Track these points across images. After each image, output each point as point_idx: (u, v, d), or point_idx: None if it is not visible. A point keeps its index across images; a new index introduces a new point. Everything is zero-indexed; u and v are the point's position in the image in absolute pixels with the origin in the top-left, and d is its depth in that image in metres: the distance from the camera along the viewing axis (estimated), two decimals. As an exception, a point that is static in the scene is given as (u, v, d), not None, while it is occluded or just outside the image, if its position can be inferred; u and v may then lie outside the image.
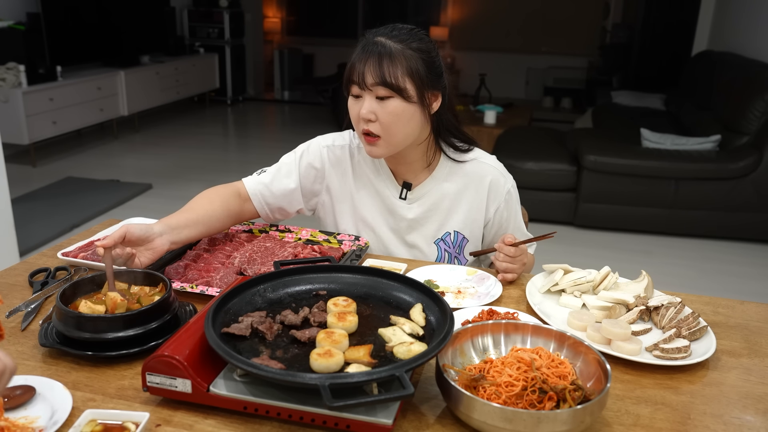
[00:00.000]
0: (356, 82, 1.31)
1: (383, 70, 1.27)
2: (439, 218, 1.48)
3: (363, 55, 1.30)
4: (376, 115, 1.31)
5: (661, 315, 1.16)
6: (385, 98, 1.30)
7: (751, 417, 0.94)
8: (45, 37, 5.32)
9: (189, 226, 1.33)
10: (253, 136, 6.96)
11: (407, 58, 1.29)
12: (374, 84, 1.28)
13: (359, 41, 1.36)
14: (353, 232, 1.52)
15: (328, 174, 1.51)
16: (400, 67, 1.28)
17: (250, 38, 8.52)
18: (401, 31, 1.33)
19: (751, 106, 4.01)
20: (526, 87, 8.99)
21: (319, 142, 1.51)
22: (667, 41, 6.91)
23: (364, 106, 1.31)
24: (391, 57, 1.28)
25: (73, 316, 0.99)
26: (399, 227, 1.49)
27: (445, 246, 1.50)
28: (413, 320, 1.00)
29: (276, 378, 0.81)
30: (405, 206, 1.48)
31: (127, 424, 0.84)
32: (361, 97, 1.32)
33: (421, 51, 1.31)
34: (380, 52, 1.28)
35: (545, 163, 4.13)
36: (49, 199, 4.38)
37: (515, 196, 1.51)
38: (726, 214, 3.96)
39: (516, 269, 1.34)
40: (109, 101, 5.96)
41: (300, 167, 1.49)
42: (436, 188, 1.47)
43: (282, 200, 1.50)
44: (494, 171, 1.48)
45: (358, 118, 1.34)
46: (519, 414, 0.80)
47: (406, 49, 1.29)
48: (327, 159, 1.50)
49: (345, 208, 1.52)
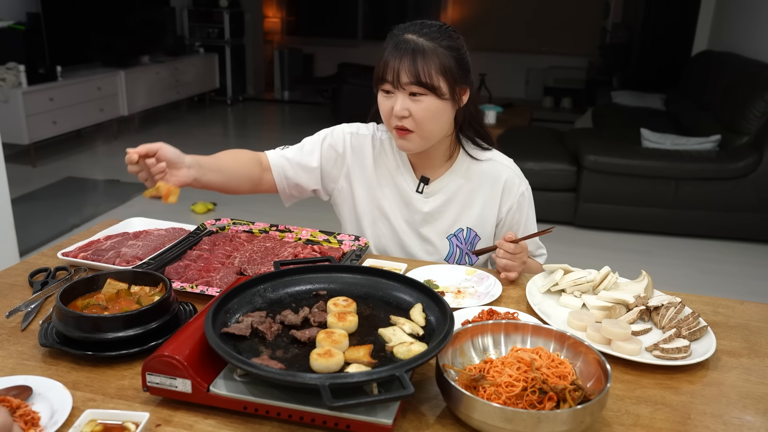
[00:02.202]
0: (390, 80, 1.32)
1: (417, 68, 1.29)
2: (453, 213, 1.51)
3: (396, 53, 1.31)
4: (410, 111, 1.33)
5: (661, 315, 1.16)
6: (418, 95, 1.32)
7: (751, 417, 0.94)
8: (45, 37, 5.32)
9: (214, 171, 1.35)
10: (253, 136, 6.96)
11: (439, 56, 1.31)
12: (408, 83, 1.30)
13: (389, 38, 1.37)
14: (369, 219, 1.54)
15: (349, 159, 1.53)
16: (434, 66, 1.30)
17: (250, 38, 8.51)
18: (431, 28, 1.35)
19: (751, 106, 4.01)
20: (526, 87, 8.98)
21: (343, 128, 1.54)
22: (667, 41, 6.90)
23: (398, 103, 1.33)
24: (425, 55, 1.30)
25: (73, 316, 0.99)
26: (414, 219, 1.52)
27: (457, 242, 1.52)
28: (413, 320, 1.01)
29: (276, 378, 0.81)
30: (421, 200, 1.50)
31: (127, 424, 0.84)
32: (393, 93, 1.34)
33: (451, 48, 1.33)
34: (414, 50, 1.30)
35: (545, 163, 4.13)
36: (49, 199, 4.38)
37: (529, 200, 1.53)
38: (726, 214, 3.96)
39: (516, 267, 1.34)
40: (109, 101, 5.96)
41: (322, 148, 1.52)
42: (453, 183, 1.50)
43: (301, 176, 1.51)
44: (510, 172, 1.51)
45: (390, 115, 1.36)
46: (519, 414, 0.80)
47: (438, 47, 1.32)
48: (349, 144, 1.52)
49: (363, 196, 1.54)
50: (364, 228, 1.54)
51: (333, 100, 7.26)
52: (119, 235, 1.48)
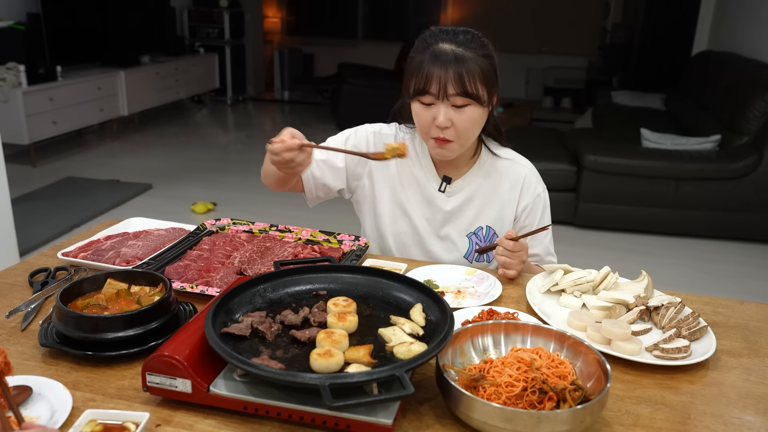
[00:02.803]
0: (434, 92, 1.32)
1: (464, 80, 1.30)
2: (473, 211, 1.52)
3: (438, 64, 1.31)
4: (452, 121, 1.34)
5: (661, 315, 1.16)
6: (462, 106, 1.33)
7: (751, 417, 0.94)
8: (45, 37, 5.32)
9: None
10: (253, 136, 6.96)
11: (480, 65, 1.32)
12: (454, 94, 1.31)
13: (420, 45, 1.37)
14: (389, 217, 1.55)
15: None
16: (477, 76, 1.32)
17: (250, 38, 8.51)
18: (465, 35, 1.36)
19: (751, 106, 4.01)
20: (526, 87, 8.98)
21: (366, 129, 1.56)
22: (667, 41, 6.90)
23: (441, 114, 1.33)
24: (468, 66, 1.31)
25: (73, 316, 0.99)
26: (435, 218, 1.53)
27: (477, 240, 1.53)
28: (413, 320, 1.01)
29: (276, 378, 0.81)
30: (443, 198, 1.52)
31: (127, 424, 0.84)
32: (434, 104, 1.34)
33: (488, 57, 1.35)
34: (456, 60, 1.31)
35: (545, 163, 4.12)
36: (49, 199, 4.38)
37: (545, 202, 1.55)
38: (726, 214, 3.96)
39: (514, 264, 1.35)
40: (109, 101, 5.96)
41: (345, 147, 1.52)
42: (474, 182, 1.52)
43: (328, 176, 1.52)
44: (529, 172, 1.54)
45: (430, 125, 1.36)
46: (519, 414, 0.80)
47: (477, 56, 1.33)
48: (373, 144, 1.53)
49: (385, 194, 1.55)
50: (384, 226, 1.56)
51: (333, 100, 7.26)
52: (119, 235, 1.48)
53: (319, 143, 1.46)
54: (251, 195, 4.59)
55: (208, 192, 4.67)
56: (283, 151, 1.19)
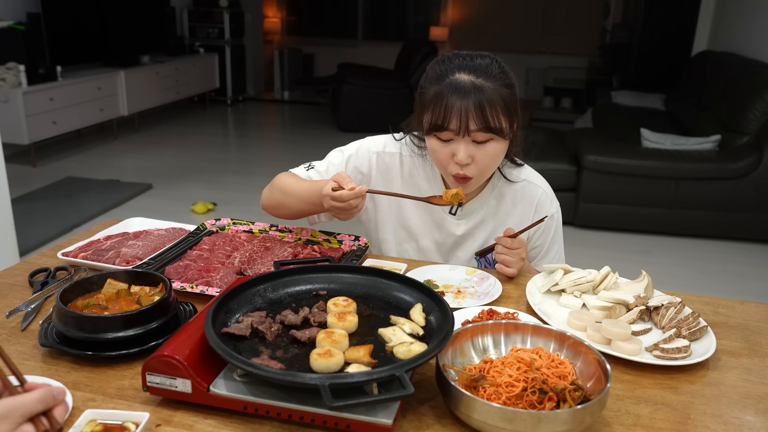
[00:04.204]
0: (454, 129, 1.24)
1: (486, 115, 1.22)
2: (485, 234, 1.48)
3: (457, 98, 1.23)
4: (473, 158, 1.27)
5: (661, 315, 1.16)
6: (483, 141, 1.26)
7: (751, 417, 0.94)
8: (45, 37, 5.32)
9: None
10: (253, 136, 6.96)
11: (503, 97, 1.24)
12: (476, 130, 1.24)
13: (434, 74, 1.29)
14: (393, 241, 1.51)
15: (375, 180, 1.48)
16: (500, 109, 1.24)
17: (250, 38, 8.52)
18: (483, 60, 1.28)
19: (751, 106, 4.01)
20: (526, 87, 8.98)
21: (369, 147, 1.48)
22: (667, 41, 6.90)
23: (461, 151, 1.26)
24: (491, 100, 1.23)
25: (73, 316, 0.99)
26: (445, 242, 1.49)
27: (486, 263, 1.49)
28: (413, 320, 1.01)
29: (276, 378, 0.81)
30: (454, 222, 1.47)
31: (127, 424, 0.84)
32: (453, 140, 1.27)
33: (508, 86, 1.27)
34: (477, 94, 1.22)
35: (545, 163, 4.13)
36: (49, 199, 4.38)
37: (557, 223, 1.52)
38: (726, 214, 3.96)
39: (513, 262, 1.34)
40: (109, 101, 5.96)
41: (347, 169, 1.46)
42: (486, 205, 1.47)
43: None
44: (542, 193, 1.48)
45: (448, 162, 1.29)
46: (519, 414, 0.80)
47: (499, 86, 1.25)
48: (375, 165, 1.47)
49: (388, 216, 1.50)
50: (389, 249, 1.51)
51: (333, 100, 7.26)
52: (119, 235, 1.48)
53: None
54: (251, 195, 4.59)
55: (208, 192, 4.67)
56: (352, 198, 1.16)
